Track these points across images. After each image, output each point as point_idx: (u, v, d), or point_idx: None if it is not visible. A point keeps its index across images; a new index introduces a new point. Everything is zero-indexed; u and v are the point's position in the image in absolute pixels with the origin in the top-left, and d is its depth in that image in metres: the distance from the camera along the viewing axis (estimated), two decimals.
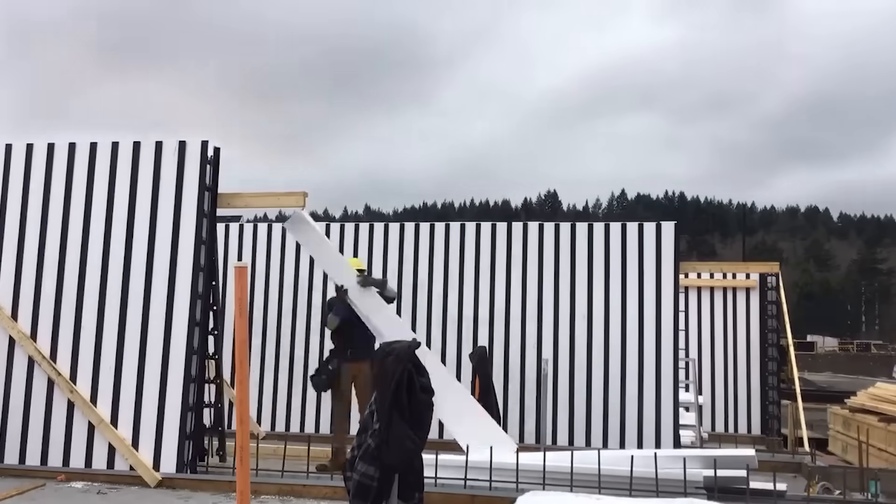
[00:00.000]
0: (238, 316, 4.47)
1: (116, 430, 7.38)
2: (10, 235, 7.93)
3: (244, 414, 4.50)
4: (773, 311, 12.96)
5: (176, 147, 7.75)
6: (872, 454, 9.87)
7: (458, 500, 6.58)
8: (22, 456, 7.53)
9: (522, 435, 9.58)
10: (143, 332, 7.53)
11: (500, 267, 10.10)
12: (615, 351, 9.57)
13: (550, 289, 9.90)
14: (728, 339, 13.18)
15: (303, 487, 6.91)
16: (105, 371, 7.53)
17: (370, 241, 10.60)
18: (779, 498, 6.63)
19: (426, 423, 4.17)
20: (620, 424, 9.41)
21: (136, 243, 7.68)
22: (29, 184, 7.96)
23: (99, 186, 7.83)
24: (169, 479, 7.17)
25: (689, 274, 12.82)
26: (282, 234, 10.95)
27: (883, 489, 7.33)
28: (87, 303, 7.69)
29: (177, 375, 7.40)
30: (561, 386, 9.64)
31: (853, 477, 7.71)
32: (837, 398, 16.66)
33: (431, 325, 10.24)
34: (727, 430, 12.71)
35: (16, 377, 7.68)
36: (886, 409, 11.89)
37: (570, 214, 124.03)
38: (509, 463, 6.91)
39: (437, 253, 10.36)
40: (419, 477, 4.22)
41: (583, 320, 9.73)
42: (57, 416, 7.54)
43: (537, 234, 10.06)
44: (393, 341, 4.27)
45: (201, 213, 7.65)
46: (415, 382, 4.06)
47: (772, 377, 12.90)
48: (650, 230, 9.75)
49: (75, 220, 7.82)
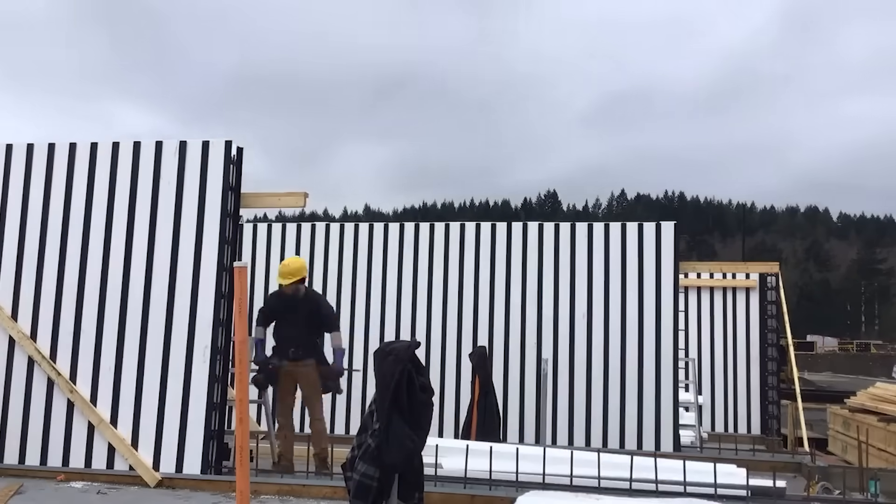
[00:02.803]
0: (238, 316, 4.48)
1: (116, 429, 7.38)
2: (10, 235, 7.92)
3: (244, 413, 4.50)
4: (772, 311, 12.97)
5: (176, 147, 7.73)
6: (872, 454, 9.88)
7: (458, 500, 6.58)
8: (22, 456, 7.53)
9: (522, 435, 9.58)
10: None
11: (500, 267, 10.10)
12: (615, 351, 9.58)
13: (550, 289, 9.90)
14: (728, 339, 13.19)
15: (302, 487, 6.91)
16: (105, 371, 7.52)
17: (370, 241, 10.60)
18: (779, 498, 6.64)
19: (426, 423, 4.18)
20: (620, 424, 9.41)
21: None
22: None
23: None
24: (169, 479, 7.16)
25: (689, 274, 12.83)
26: (282, 234, 10.96)
27: (883, 489, 7.33)
28: (86, 302, 7.67)
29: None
30: (561, 386, 9.64)
31: (853, 477, 7.71)
32: (837, 398, 16.66)
33: (431, 325, 10.23)
34: (727, 430, 12.71)
35: (15, 377, 7.68)
36: (886, 409, 11.90)
37: (570, 214, 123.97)
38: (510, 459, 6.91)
39: (436, 253, 10.36)
40: (419, 477, 4.22)
41: (583, 320, 9.73)
42: (56, 415, 7.54)
43: (537, 234, 10.06)
44: (392, 341, 4.27)
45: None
46: (414, 382, 4.06)
47: (772, 377, 12.91)
48: (650, 230, 9.76)
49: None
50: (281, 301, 8.19)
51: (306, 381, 8.00)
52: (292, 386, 8.06)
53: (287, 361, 7.93)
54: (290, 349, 7.92)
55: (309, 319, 8.02)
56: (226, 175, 7.61)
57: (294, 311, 7.99)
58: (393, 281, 10.46)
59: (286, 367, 7.93)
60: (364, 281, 10.55)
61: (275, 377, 7.97)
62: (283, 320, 8.10)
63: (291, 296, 8.06)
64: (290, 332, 7.97)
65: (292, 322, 7.97)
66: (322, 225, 11.06)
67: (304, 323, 7.96)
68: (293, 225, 11.12)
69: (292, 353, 7.91)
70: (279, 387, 8.02)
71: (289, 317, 8.01)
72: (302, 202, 8.01)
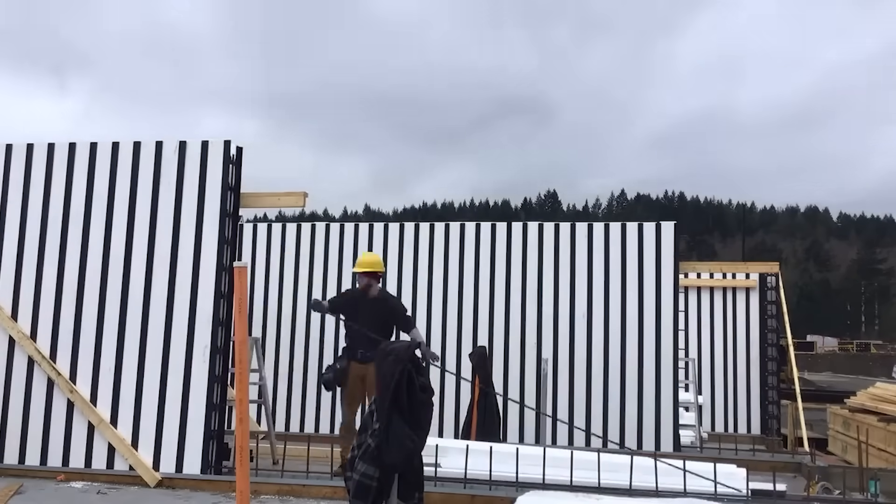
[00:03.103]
0: (238, 315, 4.48)
1: (116, 429, 7.38)
2: (10, 235, 7.92)
3: (244, 413, 4.50)
4: (772, 311, 12.97)
5: (176, 147, 7.74)
6: (872, 454, 9.88)
7: (458, 500, 6.58)
8: (22, 456, 7.53)
9: (522, 435, 9.58)
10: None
11: (500, 267, 10.10)
12: (615, 351, 9.58)
13: (550, 289, 9.90)
14: (728, 339, 13.19)
15: (302, 487, 6.91)
16: (105, 371, 7.52)
17: (370, 241, 10.61)
18: (779, 498, 6.64)
19: (426, 423, 4.18)
20: (620, 424, 9.42)
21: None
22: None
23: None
24: (169, 479, 7.17)
25: (689, 274, 12.83)
26: (282, 234, 10.96)
27: (883, 489, 7.33)
28: (86, 302, 7.67)
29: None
30: (561, 386, 9.64)
31: (853, 477, 7.72)
32: (837, 398, 16.66)
33: (431, 325, 10.23)
34: (727, 430, 12.71)
35: (15, 377, 7.68)
36: (886, 409, 11.89)
37: (570, 214, 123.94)
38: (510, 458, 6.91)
39: (436, 253, 10.37)
40: (419, 477, 4.22)
41: (583, 320, 9.73)
42: (56, 415, 7.54)
43: (537, 234, 10.07)
44: (392, 341, 4.28)
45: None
46: (414, 382, 4.06)
47: (771, 377, 12.91)
48: (650, 230, 9.76)
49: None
50: (352, 300, 8.01)
51: (372, 384, 7.79)
52: (360, 388, 7.77)
53: (355, 363, 7.72)
54: (359, 350, 7.65)
55: (381, 320, 7.74)
56: (225, 175, 7.61)
57: (365, 311, 7.73)
58: (393, 281, 10.45)
59: (353, 368, 7.71)
60: None
61: (343, 378, 7.77)
62: (353, 320, 7.79)
63: (362, 294, 7.91)
64: (359, 333, 7.58)
65: (363, 323, 7.57)
66: (322, 225, 11.07)
67: (375, 324, 7.55)
68: (293, 225, 11.12)
69: (361, 355, 7.63)
70: (346, 389, 7.82)
71: (359, 317, 7.68)
72: (301, 202, 8.01)
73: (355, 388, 7.80)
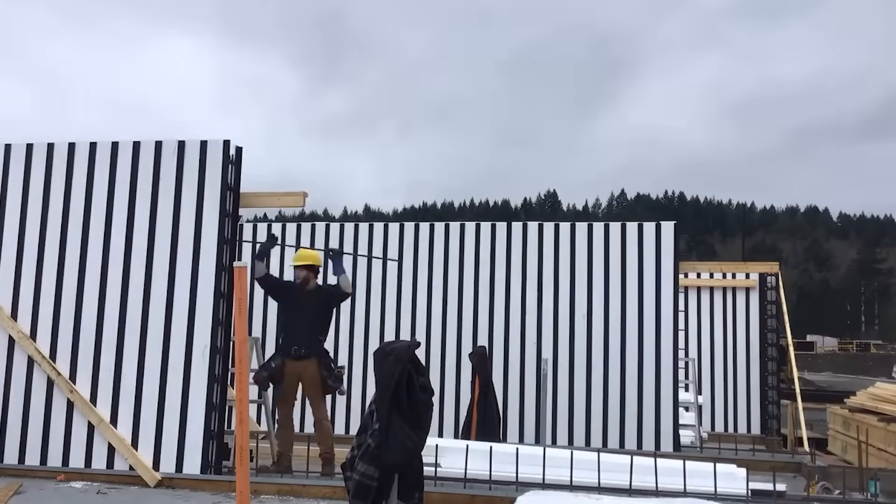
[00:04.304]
0: (238, 315, 4.48)
1: (116, 429, 7.38)
2: (9, 235, 7.91)
3: (244, 413, 4.50)
4: (772, 311, 12.98)
5: (175, 147, 7.74)
6: (872, 454, 9.89)
7: (457, 500, 6.58)
8: (21, 456, 7.53)
9: (522, 435, 9.58)
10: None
11: (500, 267, 10.10)
12: (615, 351, 9.58)
13: (550, 289, 9.90)
14: (728, 339, 13.19)
15: (302, 487, 6.91)
16: (105, 371, 7.52)
17: (370, 241, 10.60)
18: (779, 498, 6.64)
19: (426, 423, 4.17)
20: (620, 424, 9.41)
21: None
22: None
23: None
24: (169, 478, 7.16)
25: (689, 274, 12.85)
26: (282, 234, 10.94)
27: (882, 489, 7.33)
28: (86, 302, 7.67)
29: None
30: (561, 386, 9.64)
31: (853, 477, 7.72)
32: (837, 398, 16.67)
33: (431, 325, 10.23)
34: (727, 430, 12.71)
35: (15, 377, 7.68)
36: (886, 409, 11.90)
37: (569, 214, 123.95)
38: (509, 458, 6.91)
39: (436, 253, 10.36)
40: (419, 477, 4.22)
41: (583, 320, 9.73)
42: (56, 415, 7.54)
43: (537, 234, 10.06)
44: (392, 341, 4.27)
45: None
46: (414, 382, 4.06)
47: (771, 377, 12.92)
48: (650, 230, 9.76)
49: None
50: (291, 290, 8.05)
51: (309, 381, 7.82)
52: (294, 385, 7.89)
53: (289, 360, 7.78)
54: (293, 347, 7.76)
55: (321, 308, 7.86)
56: (224, 175, 7.60)
57: (301, 306, 7.84)
58: (393, 281, 10.46)
59: (288, 365, 7.78)
60: (364, 281, 10.55)
61: (277, 376, 7.81)
62: (289, 313, 7.97)
63: (300, 287, 7.97)
64: (294, 329, 7.84)
65: (298, 317, 7.81)
66: (322, 225, 11.06)
67: (310, 319, 7.78)
68: (293, 225, 11.12)
69: (294, 352, 7.75)
70: (280, 386, 7.85)
71: (296, 310, 7.85)
72: (301, 202, 8.00)
73: (290, 387, 7.84)
